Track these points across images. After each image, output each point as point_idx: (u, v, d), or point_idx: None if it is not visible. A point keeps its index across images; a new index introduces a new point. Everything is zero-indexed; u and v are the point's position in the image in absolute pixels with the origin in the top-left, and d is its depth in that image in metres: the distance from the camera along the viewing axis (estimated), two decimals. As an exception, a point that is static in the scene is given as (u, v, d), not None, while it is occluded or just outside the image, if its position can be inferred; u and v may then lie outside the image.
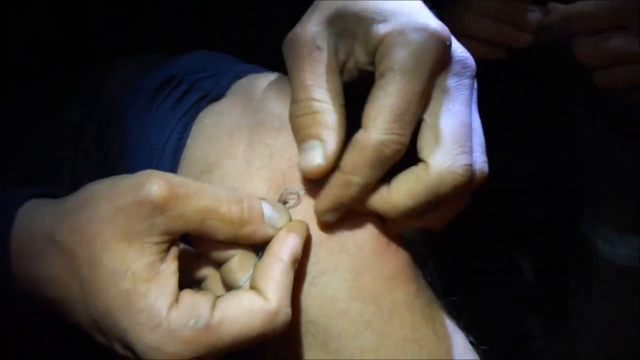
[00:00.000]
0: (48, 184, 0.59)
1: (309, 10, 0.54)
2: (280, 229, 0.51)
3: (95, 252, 0.46)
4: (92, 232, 0.46)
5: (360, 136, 0.49)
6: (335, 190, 0.51)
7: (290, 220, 0.52)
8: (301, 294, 0.53)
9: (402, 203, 0.50)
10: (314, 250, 0.53)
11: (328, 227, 0.53)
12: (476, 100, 0.54)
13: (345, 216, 0.52)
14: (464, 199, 0.53)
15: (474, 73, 0.53)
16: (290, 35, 0.53)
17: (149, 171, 0.48)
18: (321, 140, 0.51)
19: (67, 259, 0.47)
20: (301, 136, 0.52)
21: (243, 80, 0.58)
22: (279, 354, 0.54)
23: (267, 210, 0.50)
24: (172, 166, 0.54)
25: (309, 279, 0.53)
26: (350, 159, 0.50)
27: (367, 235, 0.54)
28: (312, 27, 0.53)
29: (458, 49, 0.52)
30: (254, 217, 0.49)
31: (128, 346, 0.46)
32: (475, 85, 0.54)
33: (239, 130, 0.55)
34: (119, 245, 0.46)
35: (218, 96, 0.56)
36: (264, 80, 0.58)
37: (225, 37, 0.66)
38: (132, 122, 0.58)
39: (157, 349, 0.45)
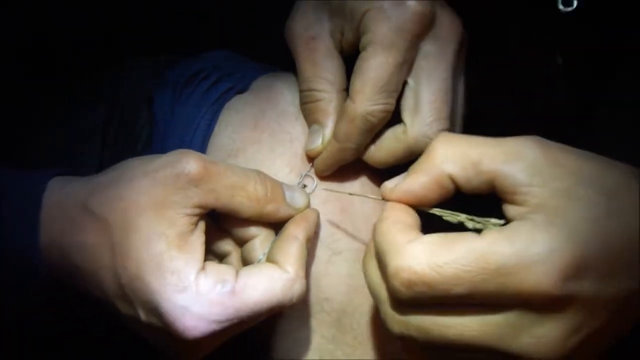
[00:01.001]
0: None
1: (297, 1, 0.58)
2: (299, 209, 0.55)
3: (130, 219, 0.49)
4: (128, 201, 0.49)
5: (348, 108, 0.54)
6: (331, 155, 0.56)
7: (309, 201, 0.56)
8: (318, 273, 0.56)
9: (384, 160, 0.56)
10: (330, 231, 0.57)
11: (344, 210, 0.57)
12: (463, 66, 0.57)
13: (359, 201, 0.57)
14: None
15: (459, 38, 0.55)
16: (285, 29, 0.58)
17: (183, 150, 0.51)
18: (321, 124, 0.56)
19: (100, 227, 0.49)
20: (308, 122, 0.58)
21: (265, 76, 0.63)
22: (294, 333, 0.57)
23: (288, 192, 0.54)
24: (201, 151, 0.58)
25: (325, 257, 0.57)
26: (342, 128, 0.55)
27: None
28: (302, 18, 0.57)
29: (445, 14, 0.55)
30: (277, 197, 0.53)
31: (153, 309, 0.48)
32: (464, 48, 0.57)
33: (262, 119, 0.59)
34: (154, 213, 0.49)
35: (243, 89, 0.61)
36: (284, 76, 0.62)
37: (224, 37, 0.69)
38: (160, 112, 0.62)
39: (185, 309, 0.47)
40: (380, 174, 0.58)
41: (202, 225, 0.51)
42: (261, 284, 0.49)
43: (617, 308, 0.43)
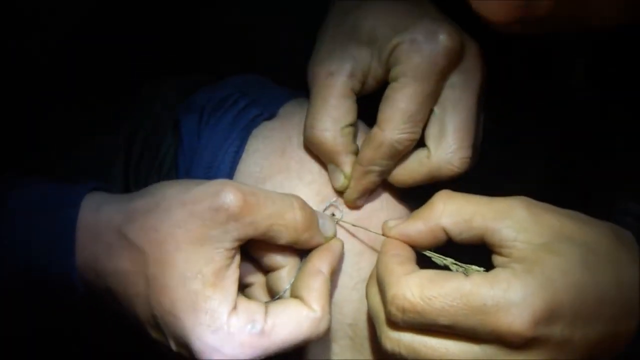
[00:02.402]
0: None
1: (320, 35, 0.59)
2: (328, 238, 0.55)
3: (167, 253, 0.49)
4: (165, 234, 0.49)
5: (375, 134, 0.56)
6: (357, 181, 0.57)
7: (335, 230, 0.56)
8: (343, 299, 0.57)
9: (405, 181, 0.58)
10: (355, 259, 0.58)
11: (367, 238, 0.58)
12: (484, 98, 0.58)
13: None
14: None
15: (484, 71, 0.57)
16: (310, 61, 0.59)
17: (222, 180, 0.51)
18: (337, 164, 0.58)
19: (136, 256, 0.50)
20: (323, 159, 0.59)
21: (292, 102, 0.63)
22: (318, 357, 0.58)
23: (321, 220, 0.55)
24: (229, 177, 0.59)
25: (350, 284, 0.57)
26: (368, 154, 0.56)
27: None
28: (327, 52, 0.58)
29: (470, 46, 0.57)
30: (313, 225, 0.54)
31: (185, 344, 0.49)
32: (486, 80, 0.58)
33: (290, 146, 0.60)
34: (191, 248, 0.49)
35: (271, 115, 0.61)
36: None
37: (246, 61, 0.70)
38: (187, 136, 0.62)
39: (216, 349, 0.49)
40: (400, 196, 0.61)
41: (237, 259, 0.51)
42: (289, 323, 0.50)
43: (588, 350, 0.47)
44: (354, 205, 0.59)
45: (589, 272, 0.47)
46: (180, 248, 0.49)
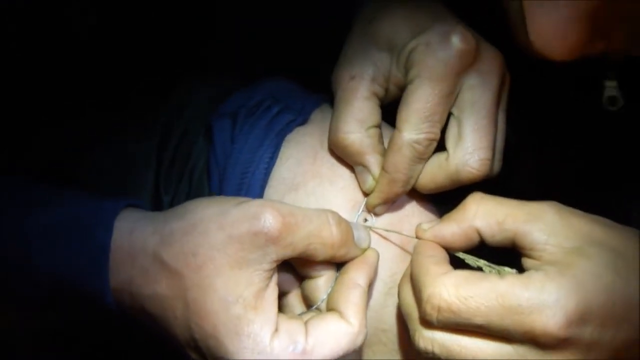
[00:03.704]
0: (128, 193, 0.63)
1: (345, 43, 0.60)
2: (364, 249, 0.56)
3: (207, 277, 0.49)
4: (204, 258, 0.49)
5: (395, 137, 0.56)
6: (382, 188, 0.57)
7: (370, 239, 0.57)
8: (377, 304, 0.57)
9: (426, 185, 0.58)
10: (389, 264, 0.58)
11: (400, 243, 0.59)
12: (506, 99, 0.59)
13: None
14: None
15: (501, 73, 0.58)
16: (334, 69, 0.60)
17: (260, 201, 0.51)
18: (364, 165, 0.58)
19: (174, 280, 0.50)
20: (350, 162, 0.59)
21: (323, 107, 0.64)
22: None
23: (355, 232, 0.55)
24: (263, 183, 0.59)
25: (384, 290, 0.58)
26: (390, 159, 0.57)
27: None
28: (350, 58, 0.59)
29: (487, 48, 0.57)
30: (349, 239, 0.54)
31: None
32: (507, 85, 0.59)
33: (322, 151, 0.60)
34: (230, 272, 0.49)
35: (304, 121, 0.62)
36: None
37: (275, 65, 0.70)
38: (219, 141, 0.62)
39: None
40: (429, 201, 0.61)
41: (275, 277, 0.52)
42: (329, 340, 0.51)
43: (615, 352, 0.48)
44: (373, 212, 0.59)
45: (618, 276, 0.48)
46: (220, 272, 0.49)
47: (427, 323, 0.50)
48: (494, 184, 0.57)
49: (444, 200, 0.61)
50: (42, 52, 0.64)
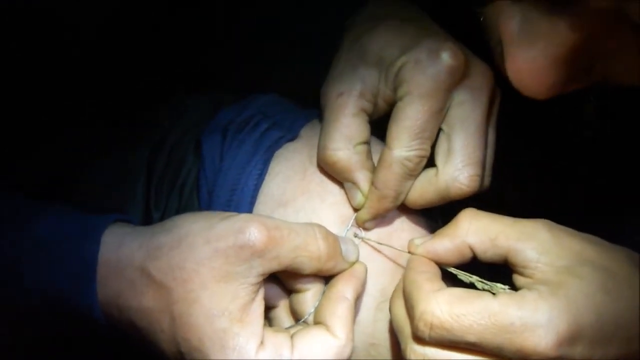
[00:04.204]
0: (118, 208, 0.63)
1: (334, 61, 0.61)
2: (352, 263, 0.56)
3: (192, 291, 0.50)
4: (189, 271, 0.50)
5: (385, 154, 0.57)
6: (372, 204, 0.58)
7: (358, 253, 0.57)
8: (366, 319, 0.57)
9: (415, 201, 0.58)
10: (378, 279, 0.58)
11: (389, 257, 0.59)
12: (496, 114, 0.59)
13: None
14: None
15: (491, 88, 0.58)
16: (323, 87, 0.60)
17: (246, 215, 0.52)
18: (353, 182, 0.58)
19: (161, 293, 0.50)
20: (339, 178, 0.59)
21: (313, 123, 0.64)
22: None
23: (343, 245, 0.55)
24: (252, 199, 0.59)
25: (374, 304, 0.58)
26: (380, 175, 0.57)
27: None
28: (337, 75, 0.59)
29: (476, 64, 0.58)
30: (336, 253, 0.54)
31: None
32: (497, 100, 0.59)
33: (311, 168, 0.60)
34: (216, 286, 0.50)
35: (293, 137, 0.62)
36: None
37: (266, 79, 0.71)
38: (209, 157, 0.62)
39: None
40: (419, 215, 0.61)
41: (262, 291, 0.52)
42: (315, 354, 0.51)
43: None
44: (363, 227, 0.59)
45: (608, 296, 0.49)
46: (206, 286, 0.50)
47: (419, 339, 0.50)
48: (482, 198, 0.58)
49: (434, 214, 0.62)
50: (34, 65, 0.64)
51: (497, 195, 0.60)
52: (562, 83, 0.50)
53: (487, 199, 0.58)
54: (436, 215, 0.62)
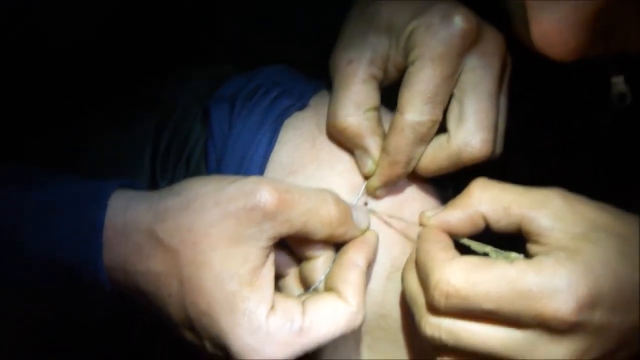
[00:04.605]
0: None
1: (343, 27, 0.60)
2: (363, 230, 0.55)
3: (202, 253, 0.49)
4: (199, 234, 0.49)
5: (397, 119, 0.56)
6: (383, 170, 0.57)
7: (369, 221, 0.56)
8: (376, 289, 0.57)
9: (427, 167, 0.57)
10: (389, 249, 0.58)
11: (400, 228, 0.58)
12: (507, 81, 0.59)
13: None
14: None
15: (503, 54, 0.57)
16: (331, 55, 0.59)
17: (256, 177, 0.51)
18: (364, 148, 0.57)
19: (169, 257, 0.49)
20: (349, 145, 0.58)
21: (322, 92, 0.63)
22: (349, 350, 0.58)
23: (354, 212, 0.55)
24: (261, 167, 0.59)
25: (384, 274, 0.57)
26: (392, 141, 0.56)
27: None
28: (347, 43, 0.58)
29: (488, 30, 0.57)
30: (347, 219, 0.53)
31: (222, 346, 0.49)
32: (509, 67, 0.59)
33: (321, 136, 0.60)
34: (226, 249, 0.49)
35: (302, 106, 0.61)
36: None
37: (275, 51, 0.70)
38: (217, 126, 0.62)
39: (255, 350, 0.48)
40: (429, 185, 0.60)
41: (272, 256, 0.51)
42: (326, 320, 0.50)
43: (623, 336, 0.48)
44: (374, 195, 0.58)
45: (625, 261, 0.48)
46: (216, 248, 0.49)
47: (434, 309, 0.50)
48: (491, 169, 0.57)
49: (444, 184, 0.61)
50: (37, 45, 0.63)
51: (508, 166, 0.59)
52: (586, 45, 0.49)
53: (497, 170, 0.57)
54: (447, 184, 0.61)
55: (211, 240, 0.49)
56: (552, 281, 0.47)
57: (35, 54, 0.63)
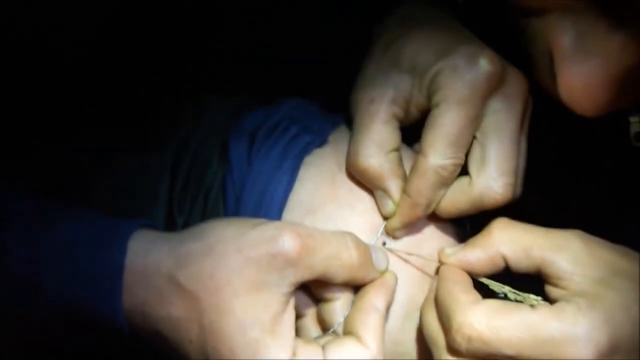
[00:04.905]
0: (141, 213, 0.61)
1: (364, 64, 0.60)
2: (382, 272, 0.55)
3: (223, 300, 0.49)
4: (221, 280, 0.49)
5: (420, 162, 0.56)
6: (403, 212, 0.57)
7: (388, 262, 0.56)
8: (395, 328, 0.57)
9: (448, 210, 0.57)
10: (407, 288, 0.58)
11: (419, 266, 0.58)
12: (528, 122, 0.59)
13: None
14: None
15: (525, 96, 0.57)
16: (352, 91, 0.59)
17: (279, 223, 0.51)
18: (384, 189, 0.57)
19: (190, 302, 0.49)
20: (370, 186, 0.59)
21: (341, 128, 0.63)
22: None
23: (374, 254, 0.55)
24: (281, 206, 0.59)
25: (402, 313, 0.57)
26: (414, 183, 0.56)
27: None
28: (369, 81, 0.58)
29: (512, 72, 0.57)
30: (367, 262, 0.54)
31: None
32: (530, 108, 0.58)
33: (340, 174, 0.59)
34: (248, 296, 0.49)
35: (322, 143, 0.61)
36: None
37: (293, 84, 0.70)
38: (236, 162, 0.62)
39: None
40: (447, 224, 0.60)
41: (292, 301, 0.51)
42: None
43: None
44: (393, 235, 0.58)
45: None
46: (237, 295, 0.49)
47: (455, 352, 0.50)
48: (508, 207, 0.57)
49: (462, 222, 0.61)
50: (50, 64, 0.63)
51: (525, 205, 0.59)
52: (614, 101, 0.50)
53: (515, 208, 0.57)
54: (465, 223, 0.61)
55: (233, 287, 0.49)
56: (573, 329, 0.47)
57: (37, 57, 0.62)
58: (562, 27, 0.50)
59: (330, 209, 0.58)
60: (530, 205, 0.60)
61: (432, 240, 0.59)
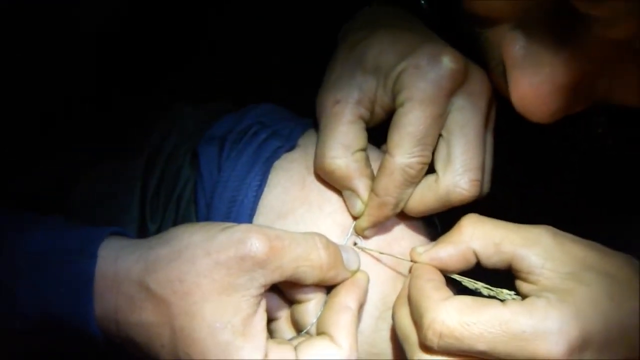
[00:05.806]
0: (113, 221, 0.62)
1: (329, 67, 0.60)
2: (353, 272, 0.56)
3: (194, 304, 0.49)
4: (190, 284, 0.49)
5: (387, 161, 0.56)
6: (372, 211, 0.57)
7: (360, 262, 0.57)
8: (369, 328, 0.57)
9: (416, 208, 0.58)
10: (380, 288, 0.58)
11: (390, 266, 0.59)
12: (493, 119, 0.59)
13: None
14: None
15: (489, 94, 0.58)
16: (318, 94, 0.60)
17: (246, 225, 0.51)
18: (352, 189, 0.58)
19: (161, 307, 0.50)
20: (338, 186, 0.59)
21: (310, 132, 0.63)
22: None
23: (344, 254, 0.55)
24: (252, 211, 0.59)
25: (376, 313, 0.58)
26: (382, 182, 0.56)
27: None
28: (334, 82, 0.59)
29: (475, 70, 0.57)
30: (337, 262, 0.54)
31: None
32: (494, 105, 0.59)
33: (309, 177, 0.60)
34: (218, 299, 0.49)
35: (291, 147, 0.61)
36: None
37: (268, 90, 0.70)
38: (206, 168, 0.62)
39: None
40: (418, 223, 0.60)
41: (263, 303, 0.52)
42: None
43: None
44: (362, 235, 0.59)
45: (613, 301, 0.49)
46: (207, 298, 0.49)
47: (427, 348, 0.50)
48: (480, 204, 0.58)
49: (432, 221, 0.61)
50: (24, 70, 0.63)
51: (495, 201, 0.60)
52: (565, 108, 0.51)
53: (485, 205, 0.58)
54: (435, 221, 0.61)
55: (203, 290, 0.49)
56: (544, 324, 0.48)
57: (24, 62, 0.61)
58: (514, 38, 0.51)
59: (300, 212, 0.59)
60: (500, 201, 0.60)
61: (403, 240, 0.59)
